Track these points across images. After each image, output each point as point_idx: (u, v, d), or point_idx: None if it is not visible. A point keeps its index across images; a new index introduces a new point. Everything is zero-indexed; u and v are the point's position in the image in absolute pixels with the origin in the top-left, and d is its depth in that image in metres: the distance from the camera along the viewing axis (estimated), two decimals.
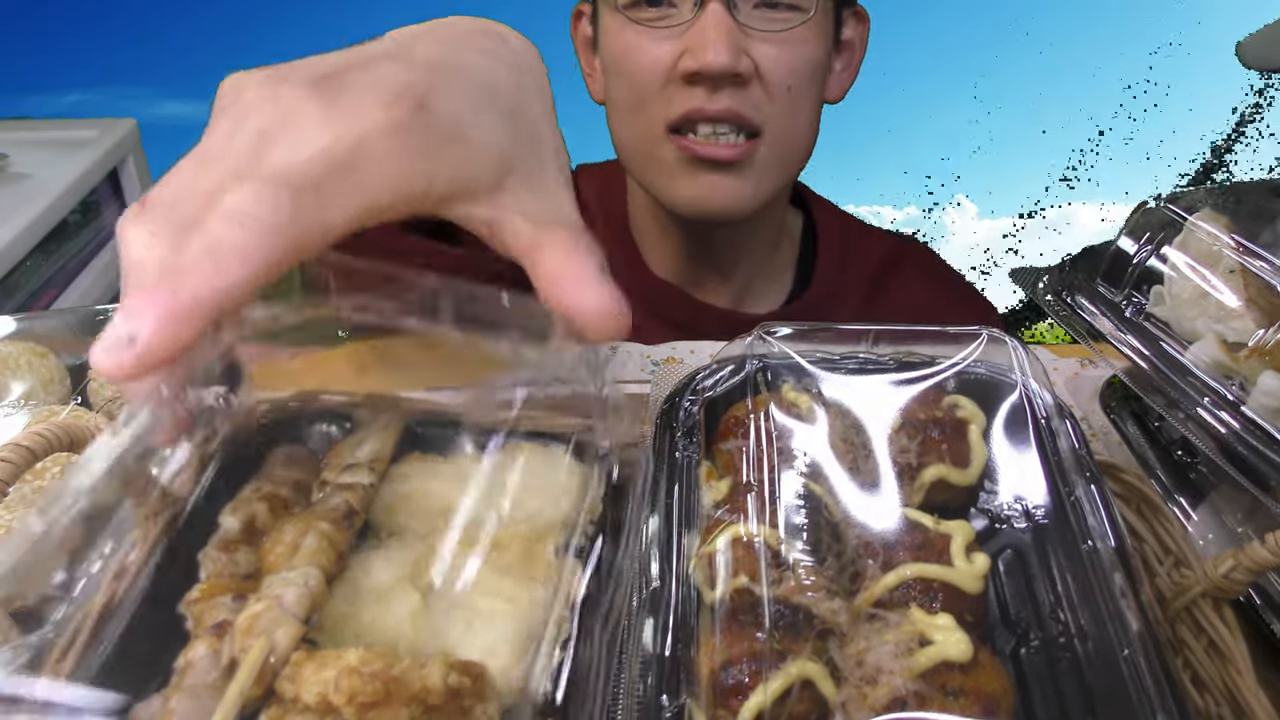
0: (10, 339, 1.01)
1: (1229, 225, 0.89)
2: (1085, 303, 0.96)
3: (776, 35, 1.25)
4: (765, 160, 1.30)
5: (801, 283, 1.57)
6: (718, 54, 1.19)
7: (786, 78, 1.27)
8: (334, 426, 0.92)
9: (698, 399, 0.80)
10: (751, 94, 1.26)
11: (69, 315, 1.11)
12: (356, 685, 0.59)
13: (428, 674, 0.60)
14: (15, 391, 0.95)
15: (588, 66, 1.46)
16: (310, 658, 0.63)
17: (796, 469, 0.70)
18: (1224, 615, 0.67)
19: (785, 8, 1.26)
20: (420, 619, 0.70)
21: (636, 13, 1.27)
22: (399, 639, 0.69)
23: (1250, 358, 0.79)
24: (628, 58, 1.30)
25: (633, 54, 1.29)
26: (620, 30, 1.30)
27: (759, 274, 1.53)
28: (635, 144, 1.36)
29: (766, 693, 0.55)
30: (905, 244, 1.65)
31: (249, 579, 0.77)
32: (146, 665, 0.70)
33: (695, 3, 1.22)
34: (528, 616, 0.71)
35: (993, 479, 0.75)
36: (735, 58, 1.21)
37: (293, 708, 0.61)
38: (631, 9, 1.27)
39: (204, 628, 0.72)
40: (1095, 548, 0.66)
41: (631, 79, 1.30)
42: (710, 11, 1.21)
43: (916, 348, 0.81)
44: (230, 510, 0.80)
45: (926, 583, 0.63)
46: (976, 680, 0.57)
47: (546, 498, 0.82)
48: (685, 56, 1.23)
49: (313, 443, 0.92)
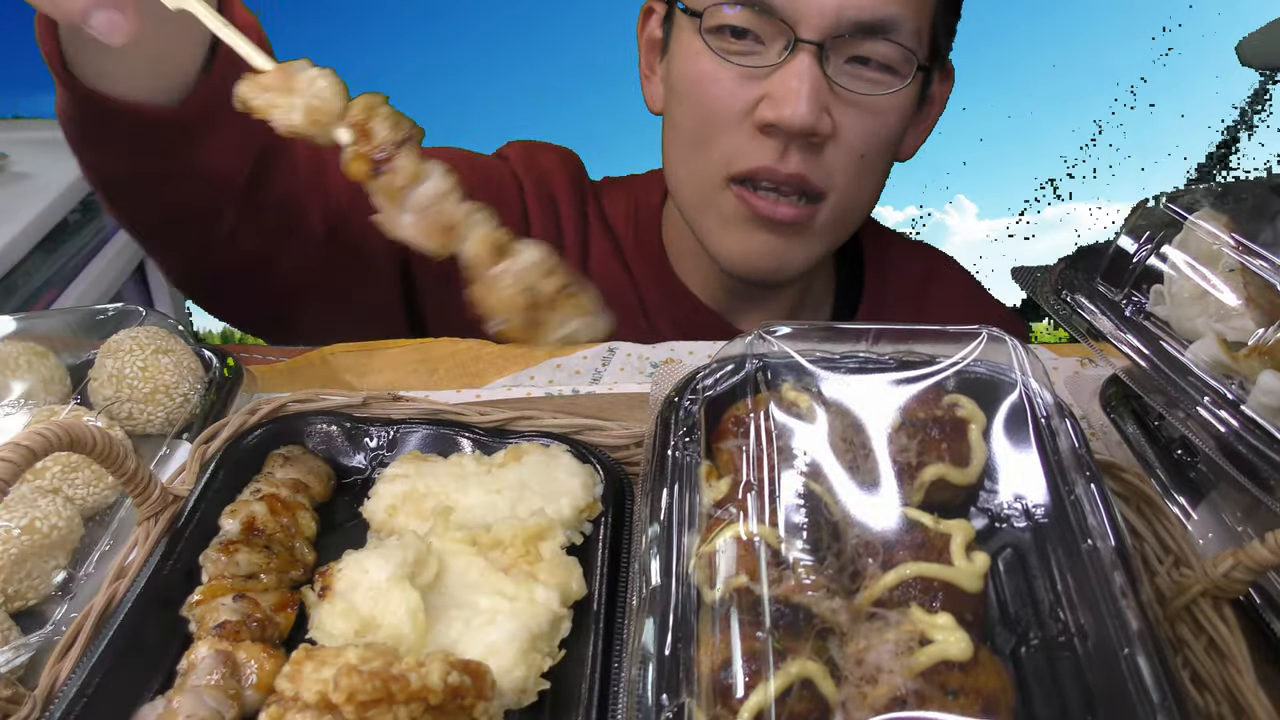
0: (10, 339, 1.02)
1: (1229, 224, 0.89)
2: (1085, 302, 0.96)
3: (864, 100, 1.15)
4: (824, 224, 1.23)
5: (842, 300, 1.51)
6: (799, 109, 1.09)
7: (862, 145, 1.18)
8: (334, 426, 0.92)
9: (698, 398, 0.80)
10: (824, 158, 1.17)
11: (69, 315, 1.11)
12: (356, 684, 0.59)
13: (428, 673, 0.60)
14: (15, 391, 0.95)
15: (648, 70, 1.35)
16: (310, 656, 0.63)
17: (796, 468, 0.70)
18: (1224, 614, 0.67)
19: (878, 67, 1.15)
20: (420, 618, 0.70)
21: (719, 41, 1.16)
22: (399, 638, 0.69)
23: (1250, 356, 0.79)
24: (700, 86, 1.19)
25: (707, 85, 1.18)
26: (697, 54, 1.19)
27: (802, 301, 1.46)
28: (691, 184, 1.27)
29: (767, 692, 0.55)
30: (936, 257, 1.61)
31: (249, 579, 0.77)
32: (147, 665, 0.70)
33: (786, 46, 1.11)
34: (528, 615, 0.71)
35: (992, 478, 0.75)
36: (818, 117, 1.11)
37: (293, 706, 0.61)
38: (714, 35, 1.16)
39: (206, 629, 0.72)
40: (1095, 547, 0.66)
41: (701, 111, 1.20)
42: (799, 60, 1.10)
43: (916, 347, 0.81)
44: (230, 511, 0.81)
45: (926, 582, 0.63)
46: (976, 679, 0.57)
47: (547, 497, 0.83)
48: (764, 104, 1.13)
49: (313, 443, 0.92)
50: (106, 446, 0.69)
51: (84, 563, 0.82)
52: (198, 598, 0.74)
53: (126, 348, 0.98)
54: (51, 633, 0.75)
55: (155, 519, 0.78)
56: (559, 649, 0.72)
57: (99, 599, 0.72)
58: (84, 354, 1.06)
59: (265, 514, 0.79)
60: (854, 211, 1.27)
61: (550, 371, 1.20)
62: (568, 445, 0.88)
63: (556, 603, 0.72)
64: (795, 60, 1.11)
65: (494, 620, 0.71)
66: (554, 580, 0.74)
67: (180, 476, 0.84)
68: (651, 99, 1.35)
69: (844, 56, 1.13)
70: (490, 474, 0.85)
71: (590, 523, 0.84)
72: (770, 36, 1.13)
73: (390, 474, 0.85)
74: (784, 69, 1.12)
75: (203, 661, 0.67)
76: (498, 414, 0.93)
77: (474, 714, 0.63)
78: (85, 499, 0.86)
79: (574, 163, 1.52)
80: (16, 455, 0.61)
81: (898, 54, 1.14)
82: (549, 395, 1.14)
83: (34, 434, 0.63)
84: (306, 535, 0.81)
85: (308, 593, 0.76)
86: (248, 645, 0.69)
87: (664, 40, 1.30)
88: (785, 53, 1.12)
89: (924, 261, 1.57)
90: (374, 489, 0.84)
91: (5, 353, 0.97)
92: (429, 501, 0.81)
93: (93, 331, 1.07)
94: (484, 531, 0.78)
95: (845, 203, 1.23)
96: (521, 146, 1.51)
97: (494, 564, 0.76)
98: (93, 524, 0.87)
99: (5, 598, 0.76)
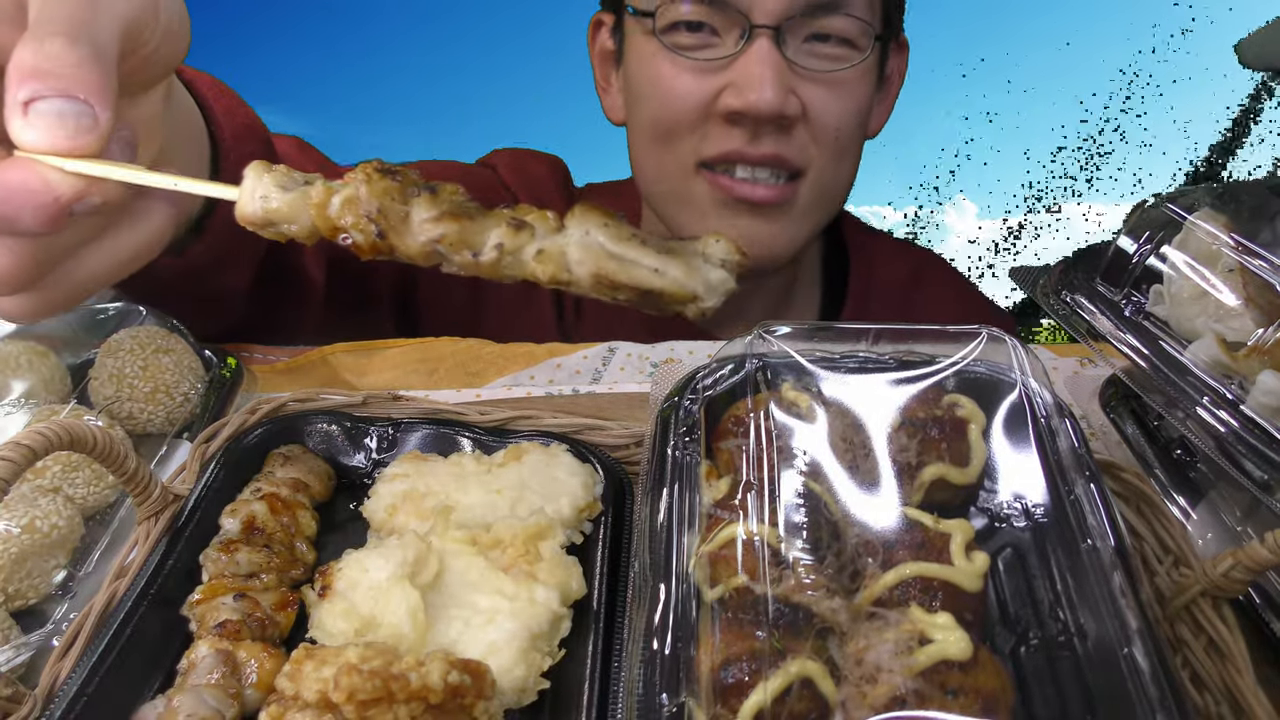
0: (11, 338, 1.02)
1: (1228, 224, 0.89)
2: (1085, 302, 0.96)
3: (826, 76, 1.14)
4: (806, 203, 1.21)
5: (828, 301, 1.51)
6: (764, 94, 1.09)
7: (835, 123, 1.17)
8: (334, 426, 0.92)
9: (698, 398, 0.80)
10: (797, 138, 1.16)
11: (69, 315, 1.11)
12: (356, 683, 0.59)
13: (428, 672, 0.61)
14: (16, 390, 0.95)
15: (604, 82, 1.35)
16: (310, 655, 0.63)
17: (796, 468, 0.70)
18: (1223, 614, 0.67)
19: (837, 42, 1.15)
20: (420, 618, 0.70)
21: (674, 38, 1.15)
22: (399, 637, 0.69)
23: (1249, 356, 0.79)
24: (659, 87, 1.18)
25: (667, 83, 1.17)
26: (654, 55, 1.18)
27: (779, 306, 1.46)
28: (660, 177, 1.25)
29: (766, 691, 0.55)
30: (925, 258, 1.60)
31: (250, 578, 0.77)
32: (147, 664, 0.70)
33: (742, 34, 1.11)
34: (528, 615, 0.72)
35: (992, 478, 0.75)
36: (784, 98, 1.10)
37: (293, 705, 0.61)
38: (669, 33, 1.15)
39: (207, 628, 0.72)
40: (1095, 546, 0.66)
41: (664, 110, 1.19)
42: (758, 46, 1.10)
43: (916, 346, 0.81)
44: (230, 511, 0.81)
45: (926, 581, 0.63)
46: (976, 679, 0.57)
47: (547, 496, 0.83)
48: (728, 93, 1.13)
49: (313, 442, 0.92)
50: (107, 446, 0.69)
51: (84, 562, 0.82)
52: (198, 597, 0.74)
53: (127, 347, 0.98)
54: (52, 632, 0.75)
55: (155, 518, 0.78)
56: (559, 648, 0.72)
57: (99, 598, 0.72)
58: (84, 353, 1.07)
59: (265, 513, 0.79)
60: (834, 190, 1.26)
61: (550, 371, 1.20)
62: (568, 445, 0.88)
63: (556, 602, 0.72)
64: (754, 47, 1.11)
65: (494, 620, 0.71)
66: (554, 580, 0.74)
67: (180, 476, 0.84)
68: (611, 110, 1.34)
69: (801, 36, 1.14)
70: (490, 473, 0.85)
71: (590, 522, 0.84)
72: (725, 27, 1.14)
73: (390, 473, 0.85)
74: (744, 57, 1.12)
75: (203, 660, 0.67)
76: (498, 413, 0.94)
77: (474, 713, 0.63)
78: (85, 498, 0.87)
79: (561, 169, 1.52)
80: (17, 454, 0.61)
81: (854, 26, 1.14)
82: (549, 395, 1.14)
83: (34, 433, 0.63)
84: (307, 534, 0.82)
85: (308, 592, 0.76)
86: (248, 644, 0.69)
87: (617, 50, 1.30)
88: (742, 41, 1.12)
89: (911, 262, 1.56)
90: (374, 488, 0.84)
91: (6, 352, 0.97)
92: (429, 501, 0.81)
93: (93, 331, 1.07)
94: (484, 531, 0.78)
95: (824, 180, 1.22)
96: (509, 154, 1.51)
97: (494, 563, 0.76)
98: (93, 523, 0.87)
99: (6, 597, 0.76)
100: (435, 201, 0.58)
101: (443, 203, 0.58)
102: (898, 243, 1.61)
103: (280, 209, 0.59)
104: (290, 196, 0.59)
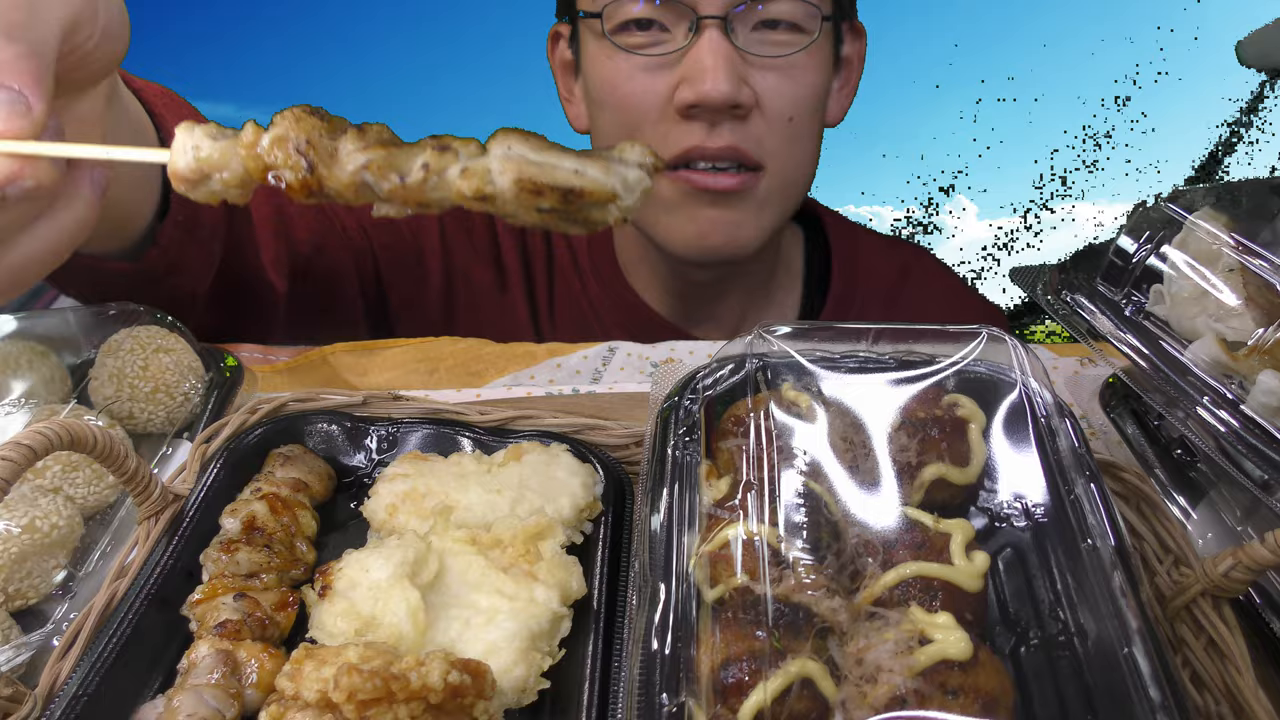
0: (11, 338, 1.02)
1: (1228, 224, 0.89)
2: (1085, 302, 0.96)
3: (778, 62, 1.16)
4: (767, 193, 1.23)
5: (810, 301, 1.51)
6: (717, 83, 1.10)
7: (789, 109, 1.19)
8: (334, 426, 0.92)
9: (698, 398, 0.80)
10: (752, 128, 1.18)
11: (70, 314, 1.11)
12: (356, 683, 0.59)
13: (427, 672, 0.61)
14: (16, 390, 0.95)
15: (566, 92, 1.37)
16: (310, 655, 0.63)
17: (796, 467, 0.70)
18: (1223, 614, 0.67)
19: (786, 27, 1.16)
20: (420, 617, 0.70)
21: (625, 38, 1.17)
22: (399, 637, 0.69)
23: (1249, 356, 0.79)
24: (617, 89, 1.20)
25: (623, 84, 1.19)
26: (608, 58, 1.20)
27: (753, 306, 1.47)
28: None
29: (766, 691, 0.55)
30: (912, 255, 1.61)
31: (250, 578, 0.77)
32: (148, 664, 0.70)
33: (690, 27, 1.13)
34: (528, 615, 0.71)
35: (992, 477, 0.75)
36: (736, 87, 1.12)
37: (293, 704, 0.61)
38: (619, 34, 1.18)
39: (207, 628, 0.72)
40: (1095, 546, 0.66)
41: (622, 112, 1.21)
42: (707, 37, 1.12)
43: (916, 346, 0.81)
44: (230, 511, 0.81)
45: (926, 581, 0.63)
46: (976, 679, 0.57)
47: (547, 496, 0.83)
48: (682, 87, 1.14)
49: (313, 442, 0.92)
50: (107, 445, 0.69)
51: (84, 562, 0.82)
52: (198, 597, 0.74)
53: (127, 347, 0.98)
54: (52, 631, 0.75)
55: (156, 518, 0.78)
56: (559, 648, 0.72)
57: (99, 598, 0.72)
58: (85, 353, 1.07)
59: (265, 513, 0.79)
60: (795, 179, 1.28)
61: (550, 371, 1.20)
62: (568, 444, 0.88)
63: (556, 602, 0.72)
64: (703, 38, 1.13)
65: (494, 619, 0.71)
66: (554, 579, 0.74)
67: (181, 476, 0.84)
68: (575, 119, 1.37)
69: (749, 25, 1.15)
70: (490, 473, 0.85)
71: (590, 522, 0.84)
72: (673, 21, 1.15)
73: (390, 473, 0.85)
74: (694, 49, 1.14)
75: (203, 660, 0.67)
76: (498, 413, 0.94)
77: (474, 713, 0.63)
78: (86, 498, 0.87)
79: None
80: (17, 454, 0.61)
81: (801, 10, 1.16)
82: (549, 394, 1.14)
83: (35, 433, 0.63)
84: (307, 534, 0.82)
85: (308, 592, 0.76)
86: (248, 644, 0.69)
87: (575, 60, 1.32)
88: (691, 33, 1.14)
89: (897, 258, 1.56)
90: (374, 488, 0.84)
91: (6, 352, 0.97)
92: (429, 501, 0.81)
93: (93, 331, 1.07)
94: (484, 531, 0.78)
95: (784, 170, 1.24)
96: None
97: (494, 563, 0.76)
98: (93, 523, 0.87)
99: (6, 597, 0.76)
100: (362, 135, 0.60)
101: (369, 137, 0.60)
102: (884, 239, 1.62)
103: (211, 156, 0.61)
104: (221, 144, 0.61)
